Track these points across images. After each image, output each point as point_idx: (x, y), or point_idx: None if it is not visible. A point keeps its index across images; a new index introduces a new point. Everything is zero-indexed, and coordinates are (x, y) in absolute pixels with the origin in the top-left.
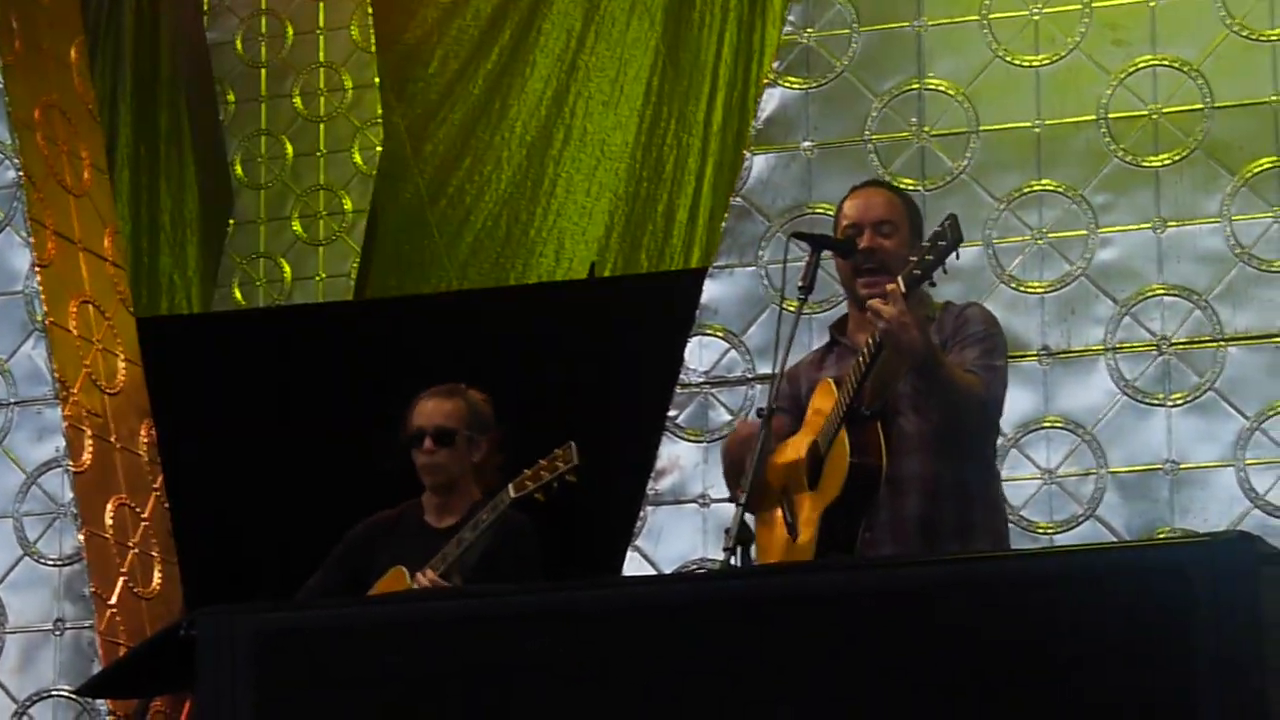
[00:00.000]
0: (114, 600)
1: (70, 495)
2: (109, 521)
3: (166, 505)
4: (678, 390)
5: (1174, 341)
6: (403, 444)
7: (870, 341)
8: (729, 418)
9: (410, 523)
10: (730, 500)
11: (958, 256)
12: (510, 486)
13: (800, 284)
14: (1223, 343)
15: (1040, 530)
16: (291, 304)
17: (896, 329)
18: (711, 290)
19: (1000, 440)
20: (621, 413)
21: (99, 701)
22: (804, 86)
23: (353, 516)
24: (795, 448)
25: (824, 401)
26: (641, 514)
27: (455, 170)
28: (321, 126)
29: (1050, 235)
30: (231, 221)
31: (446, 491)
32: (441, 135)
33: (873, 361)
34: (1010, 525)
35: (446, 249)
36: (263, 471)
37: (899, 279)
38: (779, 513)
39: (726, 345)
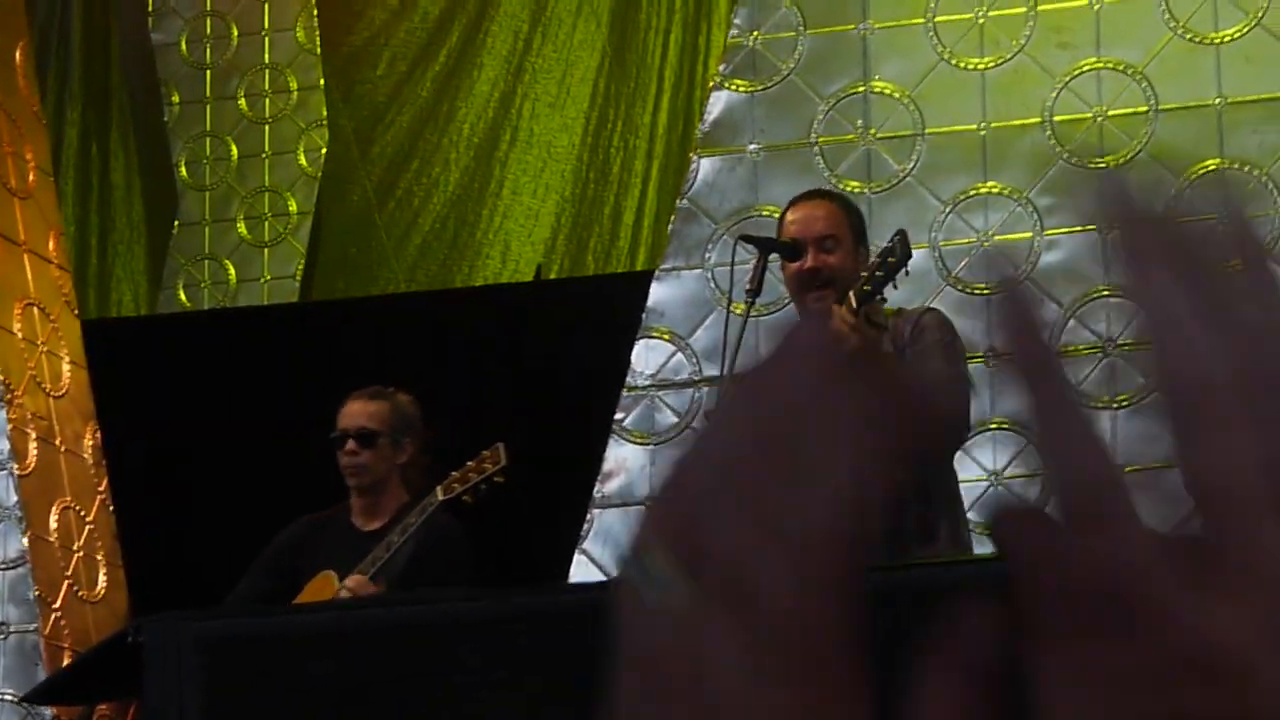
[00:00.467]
0: (58, 604)
1: (15, 498)
2: (53, 525)
3: (111, 509)
4: (624, 393)
5: (1119, 343)
6: (330, 444)
7: None
8: (675, 420)
9: (340, 525)
10: None
11: (907, 273)
12: (439, 489)
13: (748, 287)
14: None
15: (987, 532)
16: (237, 306)
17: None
18: (658, 293)
19: None
20: (568, 415)
21: (44, 708)
22: (750, 89)
23: (291, 514)
24: None
25: None
26: (589, 516)
27: (404, 172)
28: (267, 128)
29: (996, 238)
30: (176, 223)
31: (373, 493)
32: (389, 138)
33: None
34: None
35: (394, 251)
36: (208, 474)
37: (850, 295)
38: None
39: (673, 348)
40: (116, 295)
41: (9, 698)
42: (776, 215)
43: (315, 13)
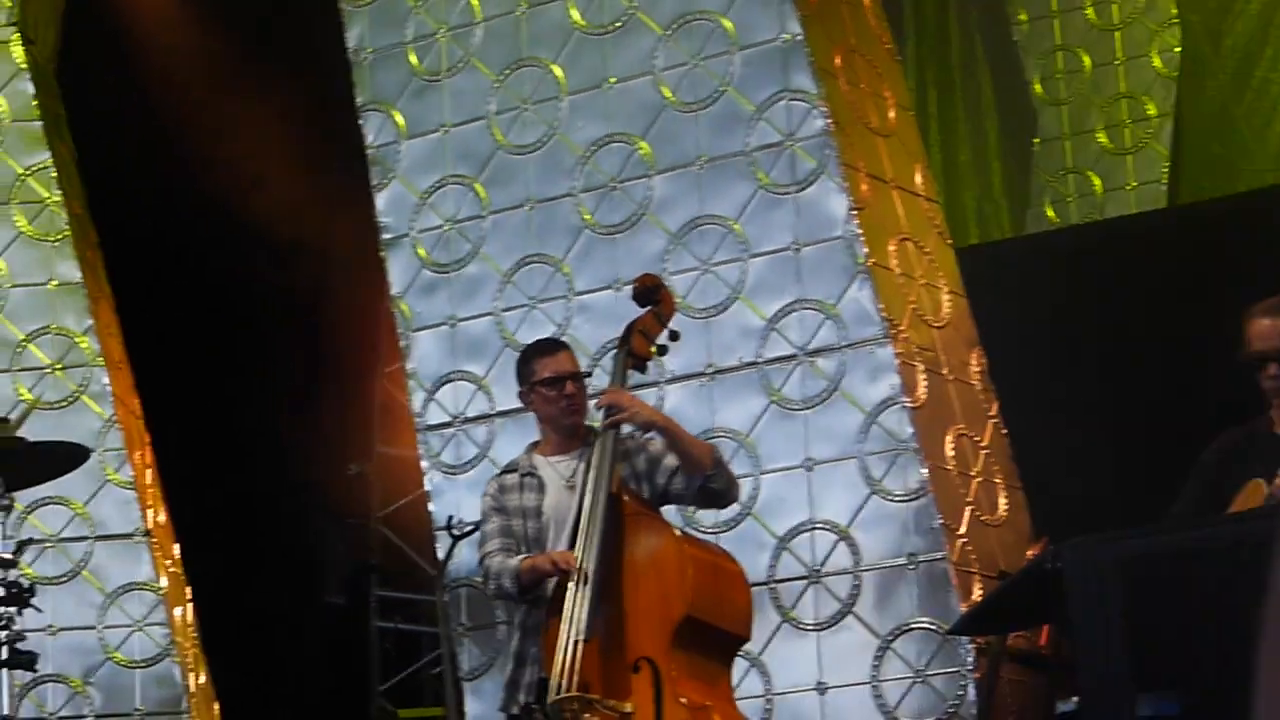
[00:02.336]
0: (963, 530)
1: (910, 430)
2: (949, 453)
3: (1004, 432)
4: None
5: None
6: (1241, 363)
7: None
8: None
9: (1261, 435)
10: None
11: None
12: None
13: None
14: None
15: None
16: (1105, 218)
17: None
18: None
19: None
20: None
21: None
22: None
23: (1190, 433)
24: None
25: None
26: None
27: (1257, 61)
28: (1117, 34)
29: None
30: (1036, 140)
31: None
32: (1239, 28)
33: None
34: None
35: (1255, 143)
36: (1089, 389)
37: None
38: None
39: None
40: (980, 220)
41: (928, 626)
42: None
43: None
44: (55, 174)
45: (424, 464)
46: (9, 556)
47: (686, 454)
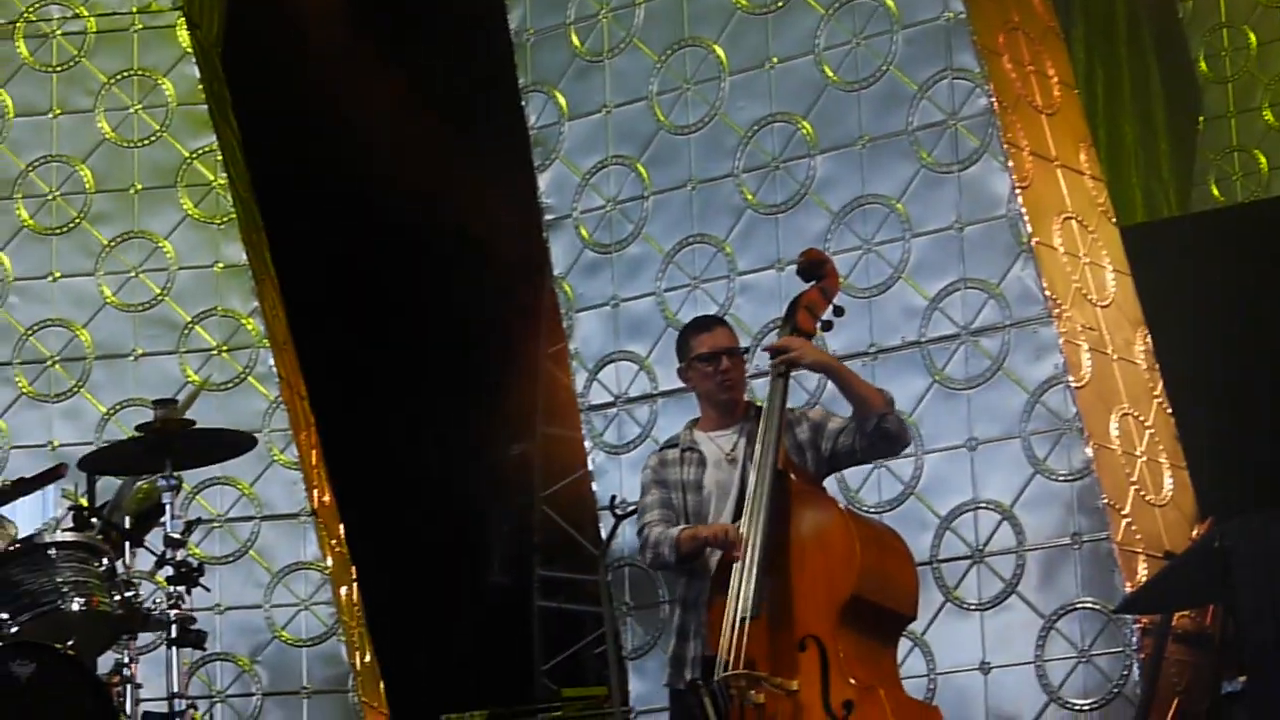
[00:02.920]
0: (1127, 510)
1: (1073, 410)
2: (1114, 432)
3: (1169, 411)
4: None
5: None
6: None
7: None
8: None
9: None
10: None
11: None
12: None
13: None
14: None
15: None
16: (1271, 196)
17: None
18: None
19: None
20: None
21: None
22: None
23: None
24: None
25: None
26: None
27: None
28: None
29: None
30: (1201, 119)
31: None
32: None
33: None
34: None
35: None
36: (1254, 371)
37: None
38: None
39: None
40: (1149, 198)
41: (1092, 606)
42: None
43: None
44: (221, 157)
45: (587, 444)
46: (177, 536)
47: (858, 395)
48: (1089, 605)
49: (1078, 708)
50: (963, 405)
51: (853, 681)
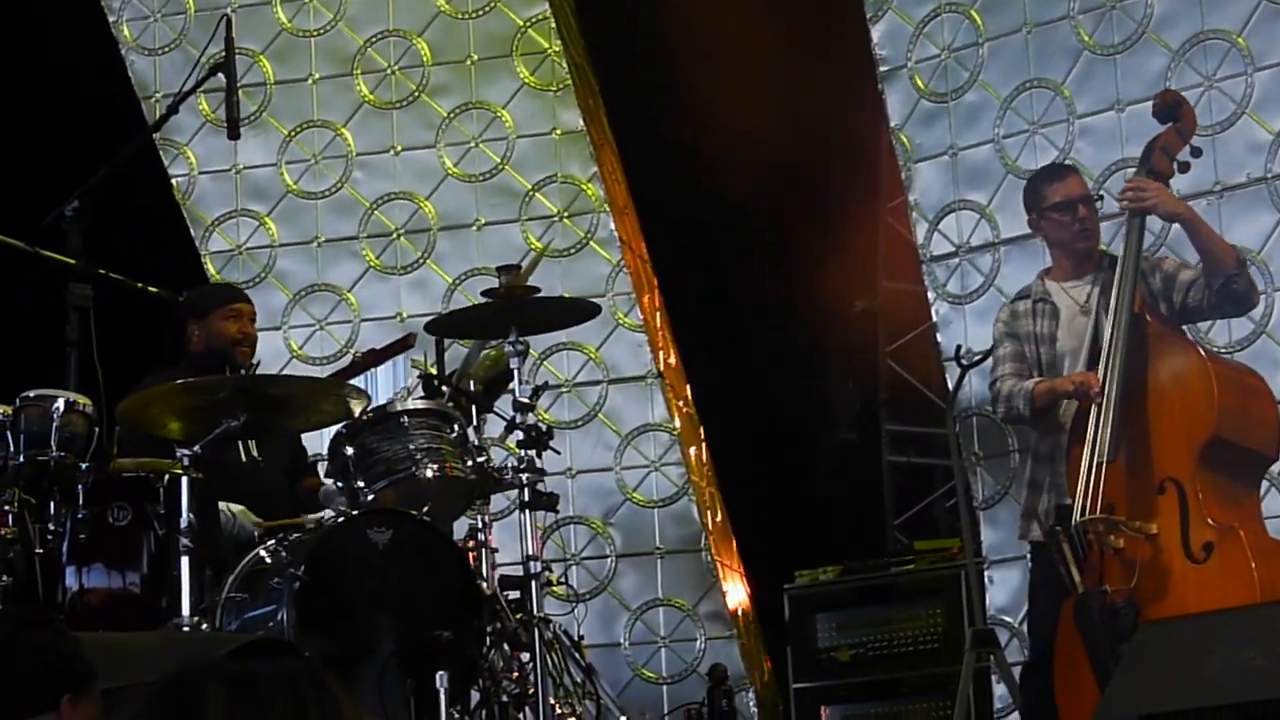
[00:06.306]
0: None
1: None
2: None
3: None
4: None
5: None
6: None
7: None
8: None
9: None
10: None
11: None
12: None
13: None
14: None
15: None
16: None
17: None
18: None
19: None
20: None
21: None
22: None
23: None
24: None
25: None
26: None
27: None
28: None
29: None
30: None
31: None
32: None
33: None
34: None
35: None
36: None
37: None
38: None
39: None
40: None
41: None
42: None
43: None
44: (554, 24)
45: (930, 295)
46: (526, 401)
47: (1210, 251)
48: None
49: None
50: None
51: (1212, 523)
